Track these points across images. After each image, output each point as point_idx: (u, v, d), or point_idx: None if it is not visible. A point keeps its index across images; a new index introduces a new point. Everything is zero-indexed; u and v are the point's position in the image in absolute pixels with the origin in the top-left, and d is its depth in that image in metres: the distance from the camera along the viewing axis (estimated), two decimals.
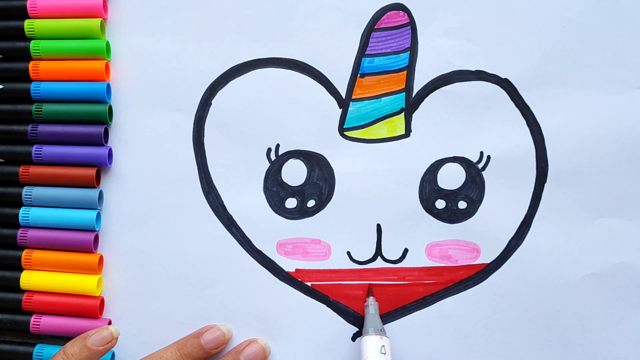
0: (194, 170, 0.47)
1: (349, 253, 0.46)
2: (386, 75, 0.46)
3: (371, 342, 0.42)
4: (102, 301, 0.47)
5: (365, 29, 0.46)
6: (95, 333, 0.42)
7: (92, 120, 0.46)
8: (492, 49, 0.46)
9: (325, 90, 0.46)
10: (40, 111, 0.46)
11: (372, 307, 0.45)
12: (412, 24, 0.46)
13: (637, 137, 0.45)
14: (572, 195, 0.45)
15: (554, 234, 0.45)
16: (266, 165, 0.47)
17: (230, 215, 0.47)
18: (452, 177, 0.46)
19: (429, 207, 0.46)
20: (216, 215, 0.47)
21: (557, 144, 0.45)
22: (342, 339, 0.46)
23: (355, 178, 0.46)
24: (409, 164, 0.46)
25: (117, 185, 0.47)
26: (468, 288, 0.46)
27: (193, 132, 0.47)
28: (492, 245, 0.46)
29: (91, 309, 0.46)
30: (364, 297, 0.46)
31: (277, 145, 0.46)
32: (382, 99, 0.46)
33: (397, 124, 0.46)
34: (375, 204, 0.46)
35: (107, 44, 0.47)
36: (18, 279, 0.46)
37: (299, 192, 0.46)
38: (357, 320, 0.46)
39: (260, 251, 0.46)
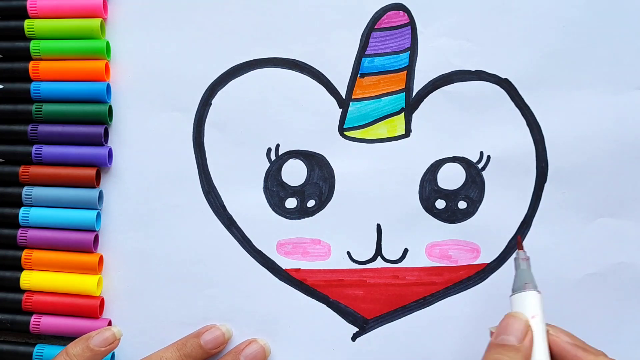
0: (194, 170, 0.47)
1: (349, 253, 0.46)
2: (386, 75, 0.46)
3: (533, 298, 0.38)
4: (102, 301, 0.47)
5: (365, 29, 0.46)
6: (98, 334, 0.42)
7: (92, 120, 0.46)
8: (492, 49, 0.46)
9: (325, 90, 0.46)
10: (40, 111, 0.46)
11: (524, 262, 0.39)
12: (412, 24, 0.46)
13: (637, 137, 0.45)
14: (572, 195, 0.45)
15: (554, 234, 0.45)
16: (266, 165, 0.47)
17: (230, 215, 0.47)
18: (452, 177, 0.46)
19: (429, 207, 0.46)
20: (216, 215, 0.47)
21: (557, 144, 0.45)
22: (342, 339, 0.46)
23: (355, 178, 0.46)
24: (409, 164, 0.46)
25: (117, 185, 0.47)
26: (468, 288, 0.46)
27: (193, 132, 0.47)
28: (492, 245, 0.46)
29: (91, 309, 0.46)
30: (364, 297, 0.46)
31: (277, 145, 0.46)
32: (382, 99, 0.46)
33: (397, 124, 0.46)
34: (375, 204, 0.46)
35: (107, 44, 0.47)
36: (18, 279, 0.46)
37: (299, 192, 0.46)
38: (357, 320, 0.46)
39: (260, 251, 0.46)
